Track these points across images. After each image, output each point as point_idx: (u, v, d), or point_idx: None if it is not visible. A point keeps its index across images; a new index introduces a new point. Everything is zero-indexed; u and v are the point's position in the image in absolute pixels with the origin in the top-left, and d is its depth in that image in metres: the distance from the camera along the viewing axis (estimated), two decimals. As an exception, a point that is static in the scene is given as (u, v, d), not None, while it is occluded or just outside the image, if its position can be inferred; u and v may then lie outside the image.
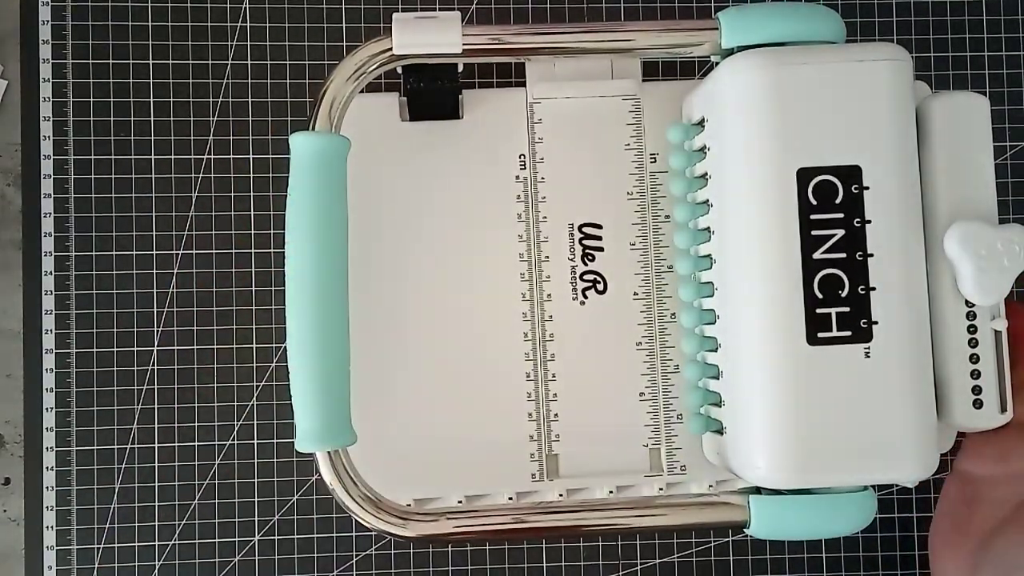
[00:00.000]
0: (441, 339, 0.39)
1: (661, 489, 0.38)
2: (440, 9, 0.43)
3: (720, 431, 0.35)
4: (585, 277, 0.39)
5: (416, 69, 0.35)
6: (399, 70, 0.35)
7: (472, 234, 0.39)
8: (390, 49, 0.34)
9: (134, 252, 0.41)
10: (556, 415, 0.39)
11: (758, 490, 0.34)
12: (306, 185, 0.33)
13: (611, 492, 0.38)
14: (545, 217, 0.39)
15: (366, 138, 0.38)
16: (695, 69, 0.44)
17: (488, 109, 0.39)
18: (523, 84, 0.39)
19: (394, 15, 0.34)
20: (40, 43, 0.42)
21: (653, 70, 0.43)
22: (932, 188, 0.33)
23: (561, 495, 0.38)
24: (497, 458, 0.38)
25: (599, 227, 0.39)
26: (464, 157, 0.39)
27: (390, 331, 0.38)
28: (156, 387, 0.41)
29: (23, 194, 0.41)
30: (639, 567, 0.42)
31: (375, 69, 0.34)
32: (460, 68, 0.36)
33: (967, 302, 0.33)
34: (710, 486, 0.39)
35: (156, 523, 0.40)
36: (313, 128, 0.34)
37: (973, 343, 0.33)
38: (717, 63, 0.35)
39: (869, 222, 0.32)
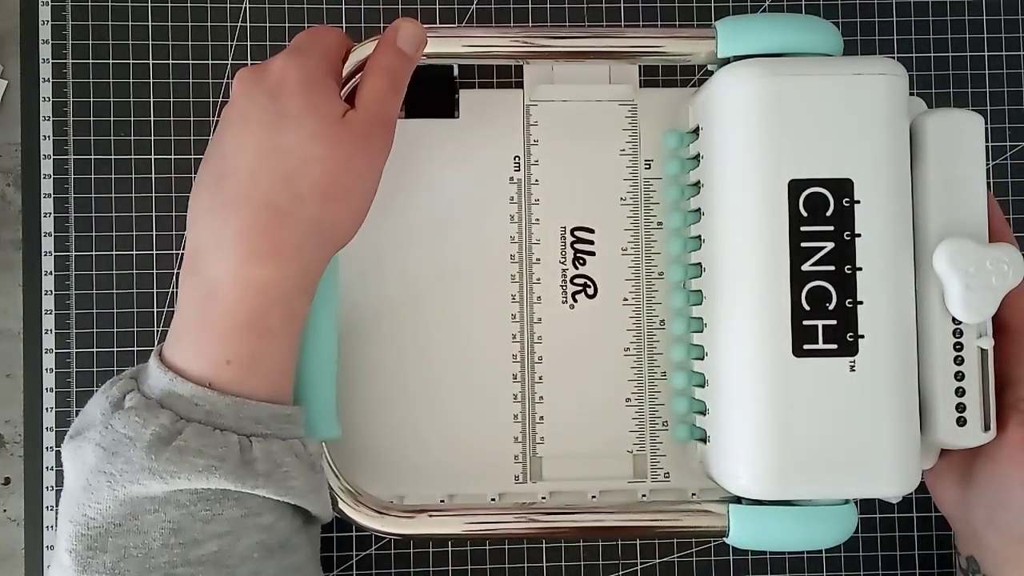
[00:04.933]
0: (429, 338, 0.38)
1: (644, 496, 0.38)
2: (441, 9, 0.43)
3: (704, 439, 0.35)
4: (575, 281, 0.39)
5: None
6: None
7: (464, 234, 0.39)
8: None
9: (134, 252, 0.41)
10: (541, 417, 0.39)
11: (739, 499, 0.34)
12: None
13: (594, 497, 0.38)
14: (538, 219, 0.39)
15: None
16: (697, 74, 0.43)
17: (485, 109, 0.39)
18: (523, 86, 0.40)
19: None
20: (40, 43, 0.42)
21: (656, 75, 0.43)
22: (923, 204, 0.33)
23: (544, 498, 0.38)
24: (481, 458, 0.38)
25: (591, 231, 0.39)
26: (459, 157, 0.39)
27: (378, 328, 0.38)
28: (156, 387, 0.41)
29: (23, 194, 0.41)
30: (639, 567, 0.42)
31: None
32: (455, 71, 0.36)
33: (954, 319, 0.33)
34: (693, 494, 0.39)
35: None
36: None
37: (959, 360, 0.33)
38: (714, 71, 0.35)
39: (859, 236, 0.32)
